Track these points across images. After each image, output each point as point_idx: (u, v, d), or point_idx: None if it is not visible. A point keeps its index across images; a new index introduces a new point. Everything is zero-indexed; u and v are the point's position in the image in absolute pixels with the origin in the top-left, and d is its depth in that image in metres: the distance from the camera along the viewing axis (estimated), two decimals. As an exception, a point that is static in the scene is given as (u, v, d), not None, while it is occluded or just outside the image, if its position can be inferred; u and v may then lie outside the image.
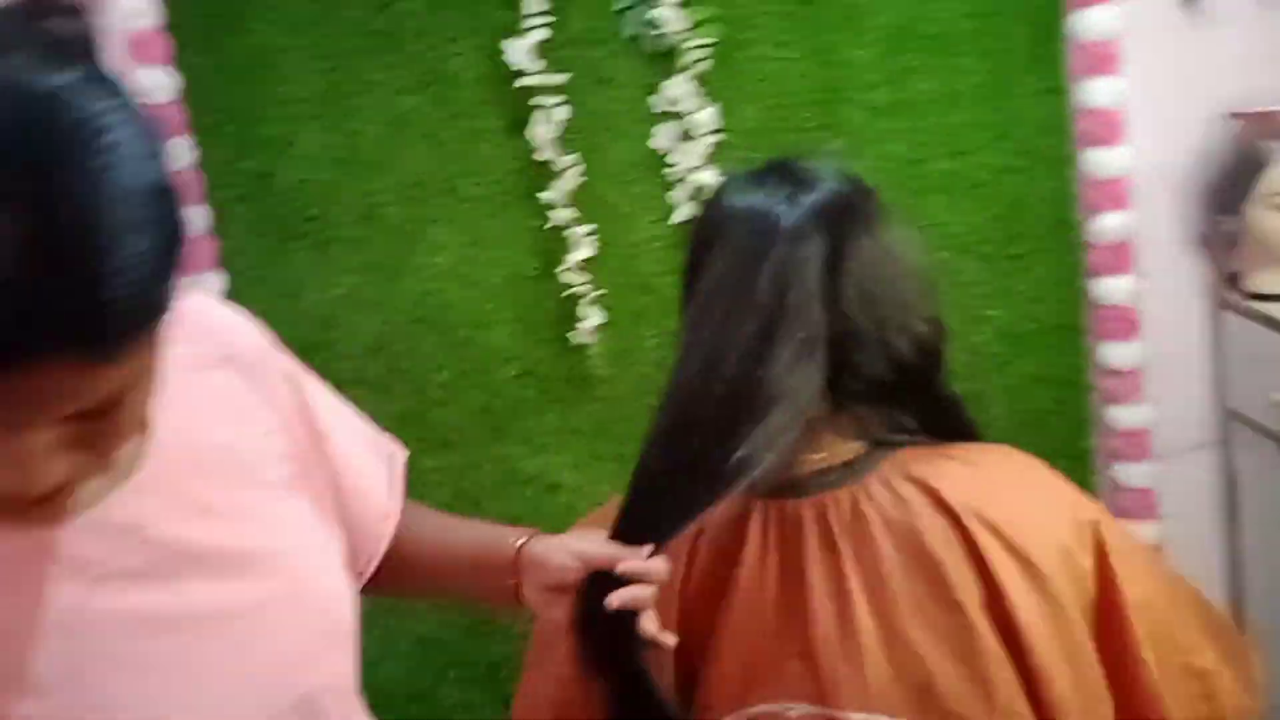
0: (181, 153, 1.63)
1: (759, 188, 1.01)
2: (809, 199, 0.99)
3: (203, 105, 1.66)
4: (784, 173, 1.02)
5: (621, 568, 0.93)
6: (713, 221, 1.02)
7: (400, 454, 1.07)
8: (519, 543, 1.00)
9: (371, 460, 1.03)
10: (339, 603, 0.88)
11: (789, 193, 0.99)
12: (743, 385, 0.93)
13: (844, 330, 0.97)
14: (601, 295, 1.76)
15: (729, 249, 0.98)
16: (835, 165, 1.04)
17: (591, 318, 1.75)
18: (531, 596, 0.99)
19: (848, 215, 0.99)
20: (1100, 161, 1.77)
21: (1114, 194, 1.77)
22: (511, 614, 1.04)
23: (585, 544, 0.97)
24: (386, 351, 1.75)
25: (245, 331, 0.93)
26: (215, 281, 1.67)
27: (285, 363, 0.95)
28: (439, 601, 1.18)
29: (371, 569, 1.01)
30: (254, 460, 0.88)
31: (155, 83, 1.60)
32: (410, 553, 1.04)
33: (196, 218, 1.65)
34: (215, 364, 0.88)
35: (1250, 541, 1.91)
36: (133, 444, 0.78)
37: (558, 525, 1.75)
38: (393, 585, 1.04)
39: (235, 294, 1.69)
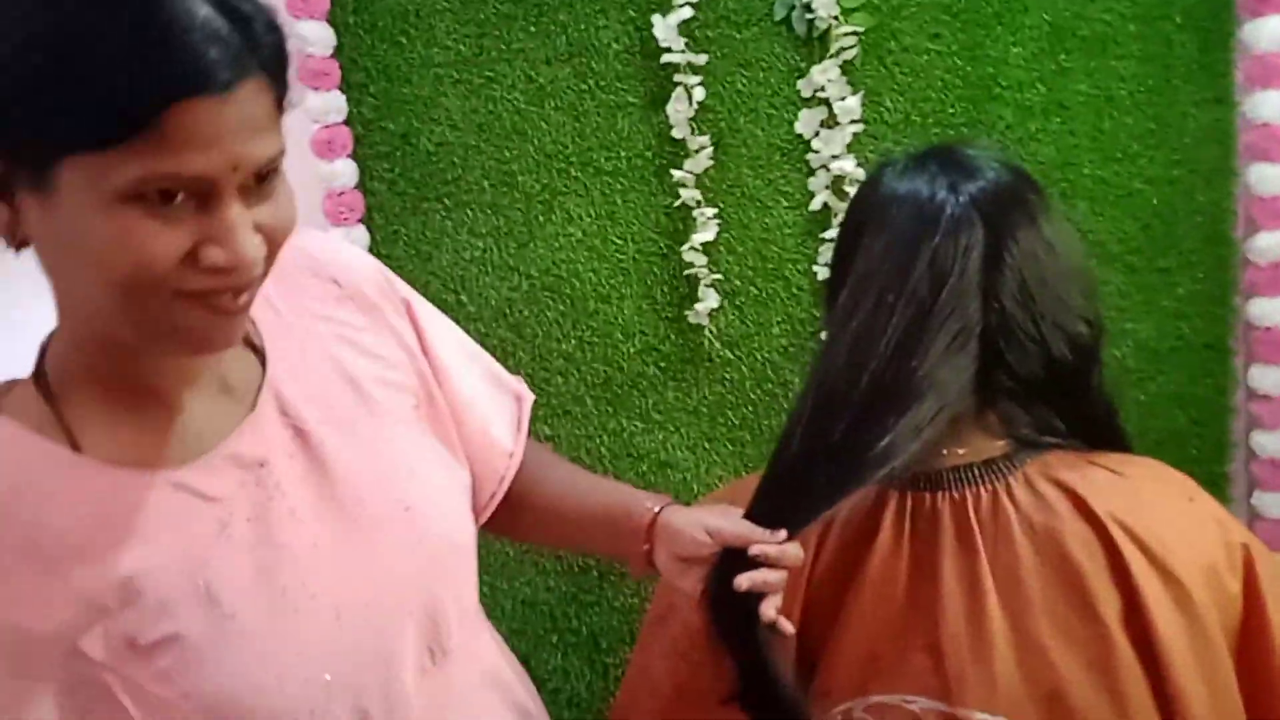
0: (335, 107, 1.67)
1: (920, 174, 0.98)
2: (972, 187, 0.96)
3: (354, 62, 1.69)
4: (946, 160, 0.99)
5: (755, 549, 0.92)
6: (869, 205, 1.00)
7: (528, 395, 1.10)
8: (655, 509, 1.01)
9: (497, 398, 1.07)
10: (459, 530, 0.93)
11: (951, 180, 0.97)
12: (892, 374, 0.91)
13: (999, 324, 0.95)
14: (722, 279, 1.75)
15: (887, 234, 0.96)
16: (998, 155, 1.01)
17: (708, 299, 1.74)
18: (663, 563, 1.00)
19: (1011, 206, 0.97)
20: (1265, 177, 1.70)
21: (1277, 211, 1.69)
22: (630, 574, 1.04)
23: (720, 520, 0.97)
24: (513, 317, 1.76)
25: (366, 270, 0.98)
26: (361, 235, 1.71)
27: (405, 298, 1.00)
28: (559, 548, 1.23)
29: (494, 505, 1.04)
30: (378, 392, 0.92)
31: (314, 36, 1.64)
32: (537, 497, 1.07)
33: (346, 172, 1.69)
34: (336, 301, 0.93)
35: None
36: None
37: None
38: (516, 526, 1.08)
39: (374, 249, 1.72)
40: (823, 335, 1.68)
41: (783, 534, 0.93)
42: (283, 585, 0.81)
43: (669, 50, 1.69)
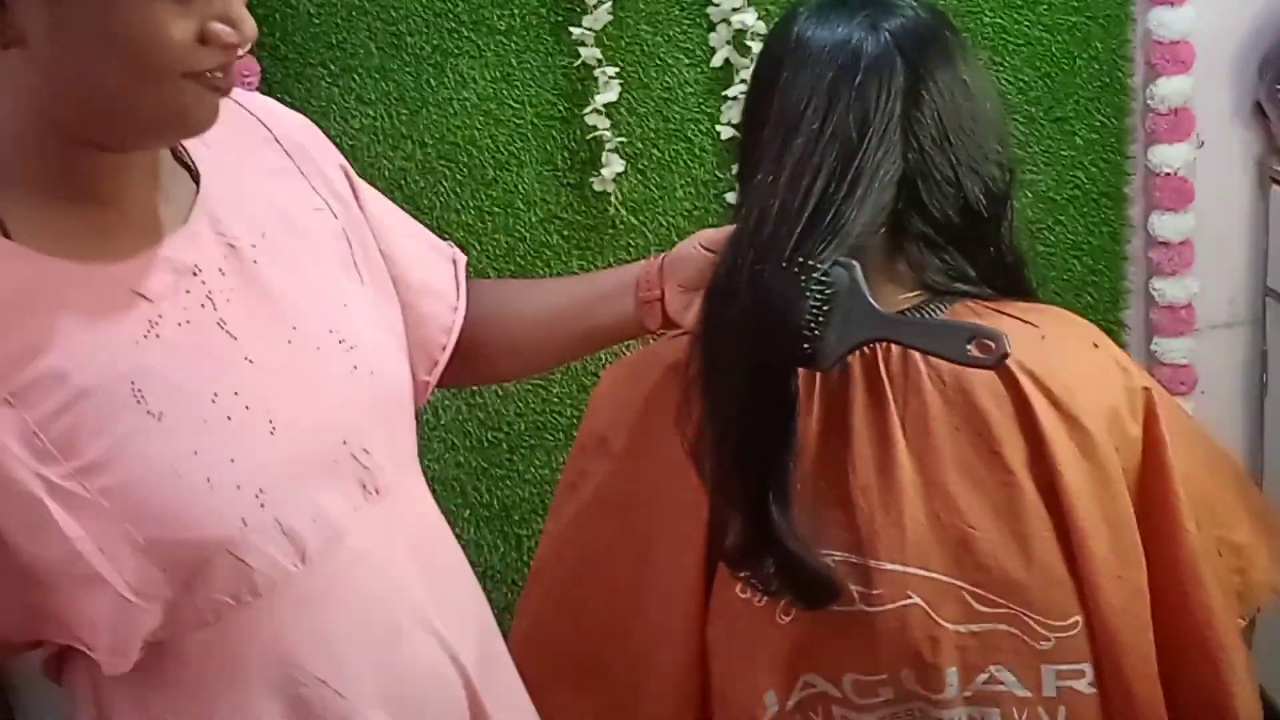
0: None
1: (838, 11, 0.96)
2: (891, 24, 0.94)
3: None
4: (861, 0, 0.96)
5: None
6: (787, 44, 0.97)
7: (461, 256, 1.10)
8: (659, 259, 1.05)
9: (433, 258, 1.07)
10: (394, 372, 0.95)
11: (869, 16, 0.94)
12: (821, 218, 0.90)
13: (917, 165, 0.94)
14: (626, 142, 1.71)
15: (808, 73, 0.94)
16: None
17: (613, 164, 1.70)
18: (674, 304, 1.03)
19: (930, 44, 0.95)
20: (1164, 21, 1.70)
21: (1177, 56, 1.70)
22: (642, 329, 1.08)
23: (713, 232, 1.02)
24: (408, 188, 1.70)
25: (297, 119, 0.99)
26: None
27: (339, 156, 1.00)
28: (542, 365, 1.24)
29: (444, 358, 1.05)
30: (310, 231, 0.93)
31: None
32: (509, 323, 1.10)
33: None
34: (266, 143, 0.94)
35: (1277, 422, 1.89)
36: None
37: (576, 374, 1.75)
38: (486, 369, 1.13)
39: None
40: (730, 195, 1.66)
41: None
42: (213, 391, 0.81)
43: (559, -102, 1.61)
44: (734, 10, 1.67)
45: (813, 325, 0.89)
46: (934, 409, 0.95)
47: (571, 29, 1.65)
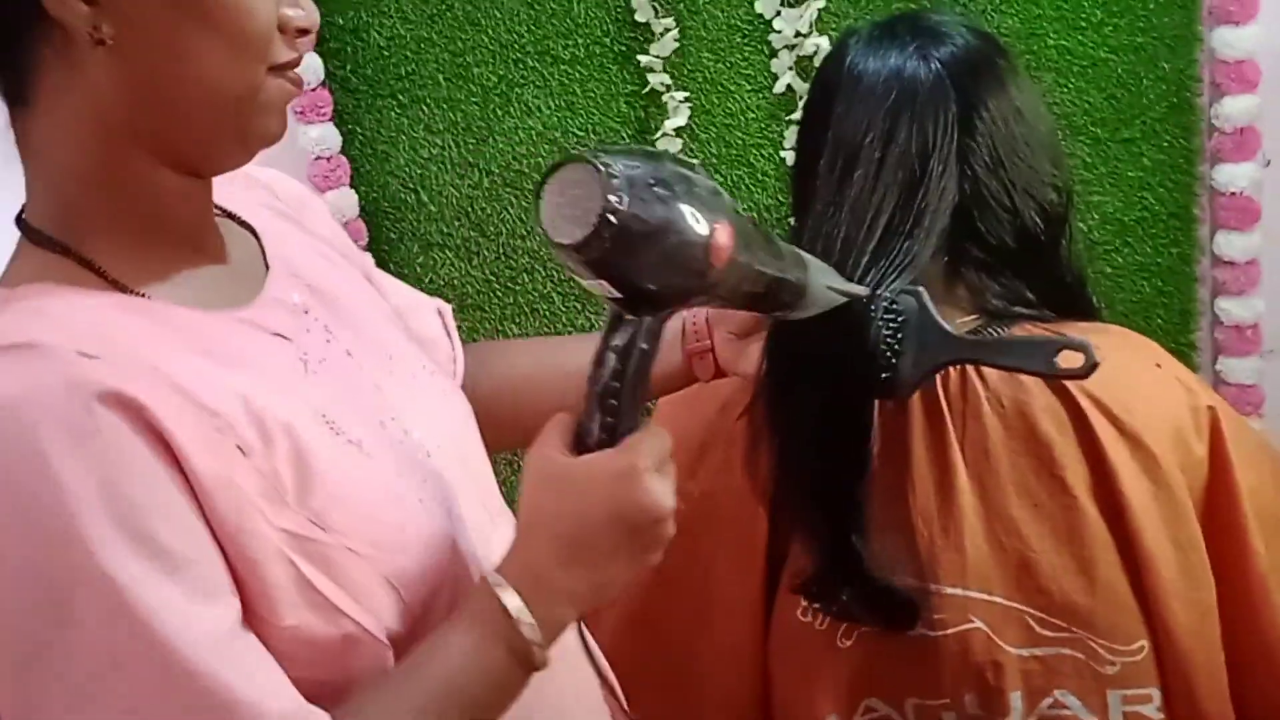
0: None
1: (888, 41, 0.97)
2: (942, 52, 0.95)
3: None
4: (913, 26, 0.97)
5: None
6: (839, 74, 0.97)
7: (446, 308, 1.07)
8: (701, 310, 1.00)
9: (422, 310, 1.04)
10: (466, 403, 0.92)
11: (920, 46, 0.95)
12: (886, 251, 0.91)
13: (973, 193, 0.94)
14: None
15: (863, 104, 0.94)
16: (964, 19, 0.99)
17: (685, 188, 1.71)
18: (725, 352, 0.99)
19: (981, 71, 0.96)
20: (1228, 41, 1.68)
21: (1243, 75, 1.68)
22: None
23: None
24: (475, 215, 1.73)
25: (284, 181, 0.96)
26: (332, 134, 1.67)
27: (325, 208, 0.99)
28: None
29: None
30: (342, 271, 0.91)
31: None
32: (539, 385, 1.03)
33: (310, 68, 1.63)
34: (263, 205, 0.90)
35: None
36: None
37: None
38: (514, 433, 0.97)
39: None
40: (792, 219, 1.67)
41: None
42: (378, 419, 0.78)
43: (623, -69, 1.64)
44: (797, 36, 1.68)
45: (888, 355, 0.88)
46: (993, 433, 0.95)
47: (640, 57, 1.68)
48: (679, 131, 1.70)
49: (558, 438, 0.75)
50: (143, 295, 0.72)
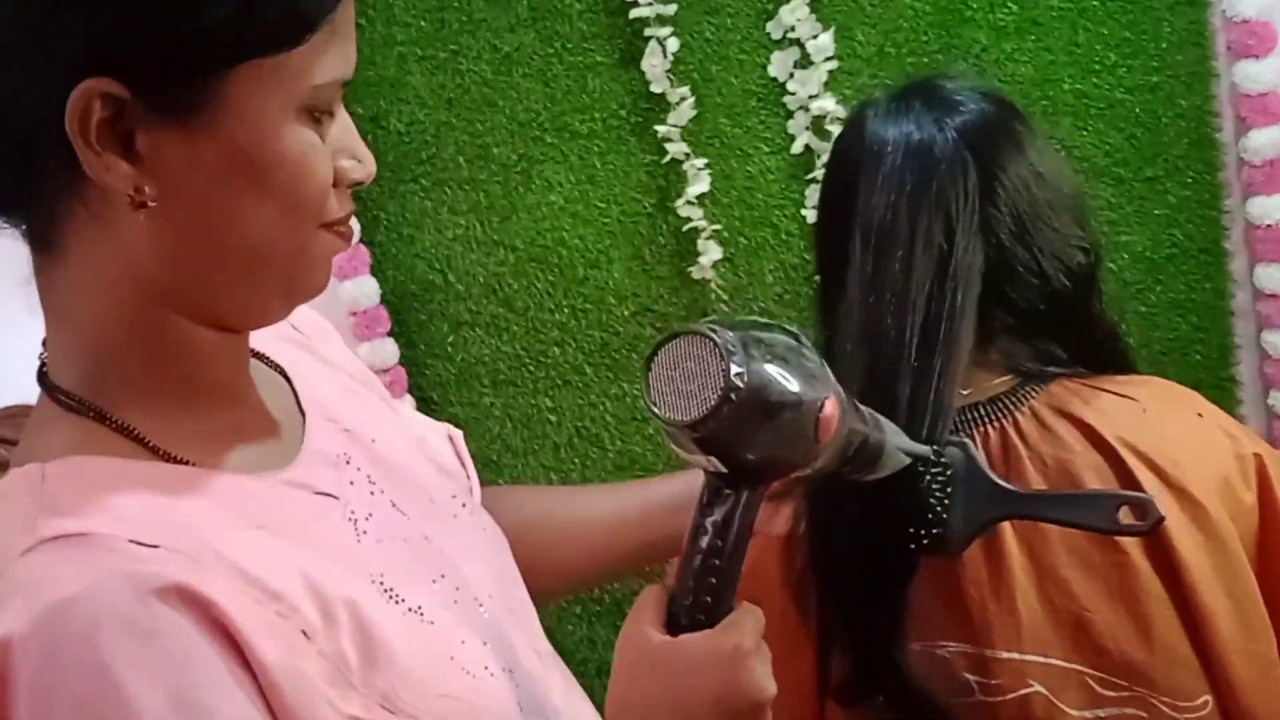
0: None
1: (903, 114, 0.97)
2: (957, 121, 0.95)
3: (315, 49, 1.66)
4: (926, 96, 0.97)
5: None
6: (858, 151, 0.98)
7: (458, 433, 1.00)
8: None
9: (432, 437, 0.98)
10: (502, 536, 0.87)
11: (936, 117, 0.95)
12: (934, 329, 0.91)
13: (999, 261, 0.94)
14: (718, 230, 1.73)
15: (885, 183, 0.94)
16: (977, 84, 0.99)
17: (710, 253, 1.72)
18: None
19: (998, 136, 0.96)
20: (1249, 74, 1.67)
21: (1267, 108, 1.67)
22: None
23: None
24: (503, 292, 1.75)
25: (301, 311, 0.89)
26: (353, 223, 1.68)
27: (338, 335, 0.94)
28: (575, 584, 1.07)
29: None
30: (365, 401, 0.87)
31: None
32: (544, 535, 0.98)
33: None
34: (284, 338, 0.85)
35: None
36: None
37: (679, 463, 1.75)
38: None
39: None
40: (818, 278, 1.67)
41: None
42: (431, 577, 0.74)
43: (635, 4, 1.66)
44: (810, 98, 1.69)
45: (938, 511, 0.86)
46: (1038, 492, 0.94)
47: (657, 127, 1.69)
48: (701, 199, 1.71)
49: (652, 613, 0.72)
50: (188, 463, 0.68)
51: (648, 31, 1.68)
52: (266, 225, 0.66)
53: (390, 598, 0.69)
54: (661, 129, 1.69)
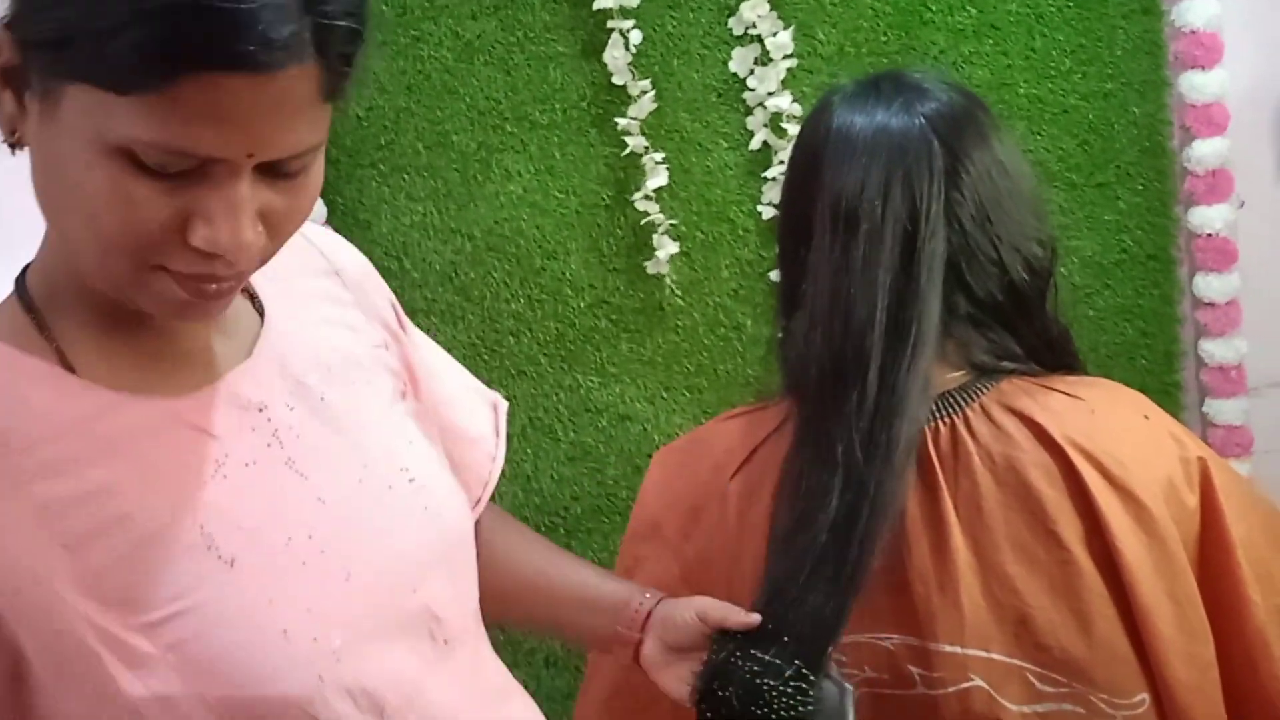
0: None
1: (872, 98, 0.98)
2: (926, 108, 0.96)
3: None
4: (895, 83, 0.99)
5: (735, 623, 0.93)
6: (825, 132, 0.98)
7: (503, 403, 1.06)
8: (652, 601, 0.99)
9: (476, 402, 1.03)
10: (460, 513, 0.88)
11: (905, 102, 0.96)
12: (902, 316, 0.92)
13: (961, 247, 0.95)
14: (675, 224, 1.74)
15: (853, 163, 0.95)
16: (942, 77, 1.00)
17: (666, 247, 1.73)
18: (649, 655, 0.98)
19: (965, 125, 0.97)
20: (1195, 85, 1.70)
21: (1212, 119, 1.70)
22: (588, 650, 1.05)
23: (710, 603, 0.96)
24: (459, 280, 1.74)
25: (348, 250, 0.94)
26: (320, 207, 1.68)
27: (388, 291, 0.96)
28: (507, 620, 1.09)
29: (478, 511, 1.00)
30: (372, 367, 0.88)
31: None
32: (502, 563, 1.02)
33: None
34: (321, 273, 0.89)
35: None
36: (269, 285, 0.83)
37: (630, 455, 1.76)
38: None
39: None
40: (774, 274, 1.68)
41: (756, 618, 0.93)
42: (286, 536, 0.75)
43: (596, -4, 1.66)
44: (769, 95, 1.70)
45: None
46: (986, 489, 0.95)
47: (617, 120, 1.69)
48: (658, 193, 1.71)
49: None
50: (75, 373, 0.72)
51: (610, 23, 1.68)
52: (75, 233, 0.68)
53: (205, 541, 0.71)
54: (622, 121, 1.69)
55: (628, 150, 1.70)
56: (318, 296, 0.88)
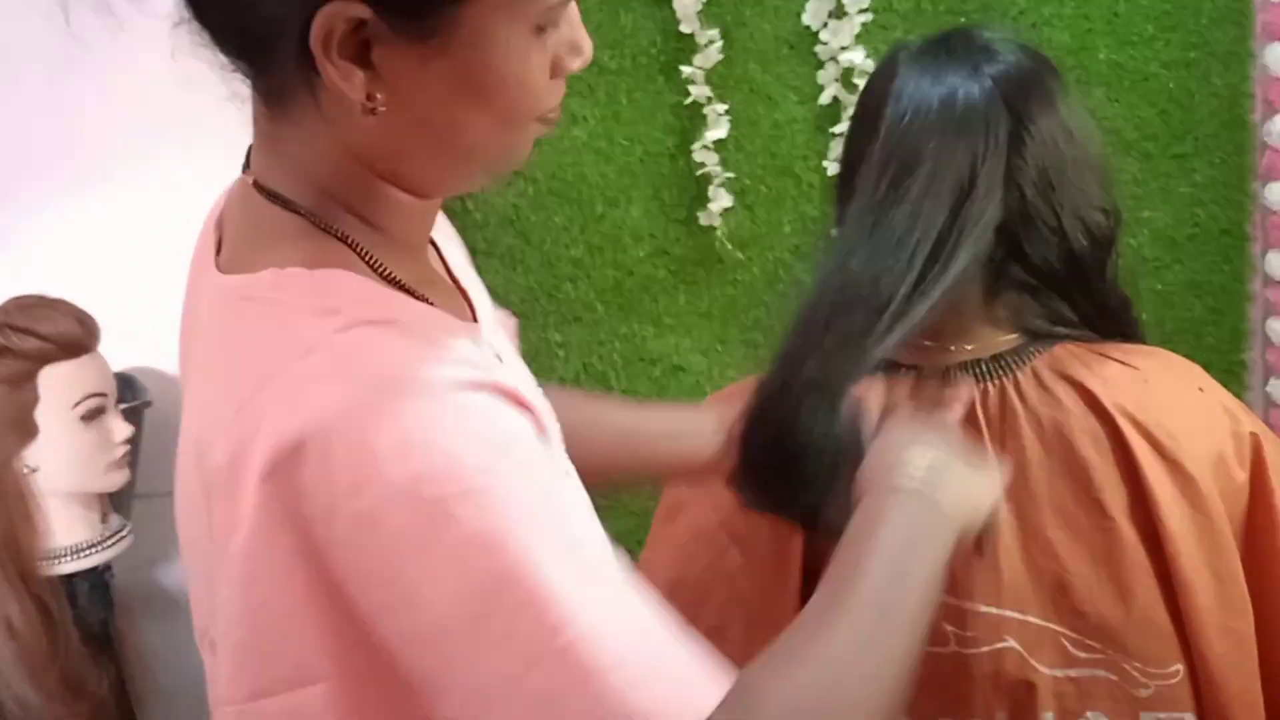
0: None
1: (939, 56, 0.96)
2: (993, 69, 0.94)
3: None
4: (964, 42, 0.97)
5: None
6: (888, 88, 0.97)
7: (511, 323, 1.06)
8: None
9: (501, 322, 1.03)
10: None
11: (973, 63, 0.94)
12: (934, 260, 0.91)
13: (1020, 213, 0.94)
14: (734, 178, 1.73)
15: (912, 118, 0.94)
16: (1014, 37, 0.98)
17: (720, 200, 1.72)
18: None
19: (1032, 89, 0.95)
20: (1280, 57, 1.66)
21: (1295, 92, 1.66)
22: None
23: None
24: (520, 224, 1.75)
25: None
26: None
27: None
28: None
29: None
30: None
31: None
32: (592, 432, 1.01)
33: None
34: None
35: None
36: None
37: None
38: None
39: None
40: (834, 229, 1.67)
41: None
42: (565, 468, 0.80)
43: (670, -58, 1.65)
44: (842, 49, 1.68)
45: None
46: (1031, 453, 0.94)
47: (682, 68, 1.68)
48: (718, 144, 1.70)
49: None
50: (430, 302, 0.73)
51: (682, -31, 1.66)
52: (483, 132, 0.70)
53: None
54: (686, 70, 1.68)
55: (691, 99, 1.69)
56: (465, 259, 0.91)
